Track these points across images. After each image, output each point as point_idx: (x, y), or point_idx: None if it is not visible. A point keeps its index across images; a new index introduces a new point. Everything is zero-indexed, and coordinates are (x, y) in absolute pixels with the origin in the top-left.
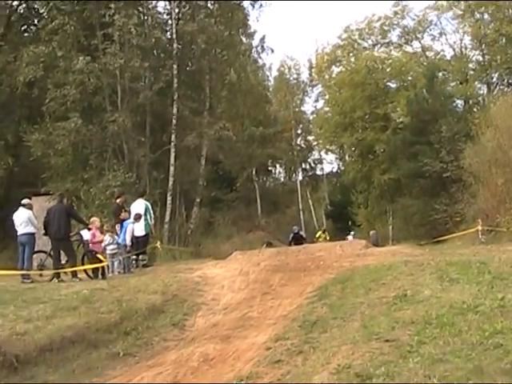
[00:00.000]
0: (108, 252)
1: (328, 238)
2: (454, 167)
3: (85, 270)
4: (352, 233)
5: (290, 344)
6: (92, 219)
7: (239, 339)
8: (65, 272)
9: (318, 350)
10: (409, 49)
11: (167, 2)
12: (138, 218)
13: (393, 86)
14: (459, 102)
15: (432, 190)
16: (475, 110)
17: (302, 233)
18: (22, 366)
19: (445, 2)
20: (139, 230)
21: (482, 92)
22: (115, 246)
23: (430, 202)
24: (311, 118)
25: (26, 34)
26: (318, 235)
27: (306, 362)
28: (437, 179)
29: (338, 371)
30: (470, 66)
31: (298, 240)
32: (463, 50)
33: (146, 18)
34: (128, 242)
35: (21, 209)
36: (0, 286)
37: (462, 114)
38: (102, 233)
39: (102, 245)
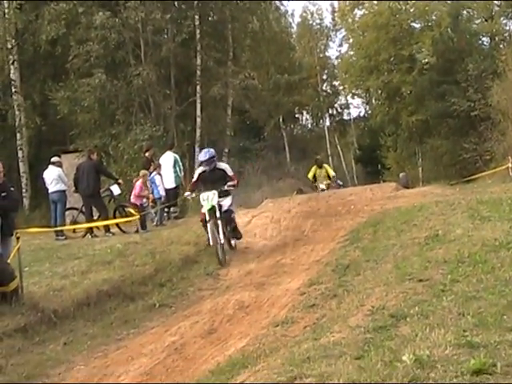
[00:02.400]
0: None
1: (332, 174)
2: (482, 105)
3: (117, 225)
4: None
5: (323, 288)
6: (142, 172)
7: (273, 286)
8: (98, 227)
9: (352, 293)
10: None
11: None
12: (158, 166)
13: (417, 26)
14: (485, 40)
15: (460, 129)
16: (502, 46)
17: (224, 165)
18: (60, 320)
19: None
20: (169, 182)
21: (508, 28)
22: (145, 200)
23: (459, 141)
24: (336, 62)
25: None
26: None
27: (341, 305)
28: (465, 118)
29: (373, 312)
30: (495, 2)
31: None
32: None
33: None
34: (162, 193)
35: (50, 167)
36: (34, 244)
37: (488, 52)
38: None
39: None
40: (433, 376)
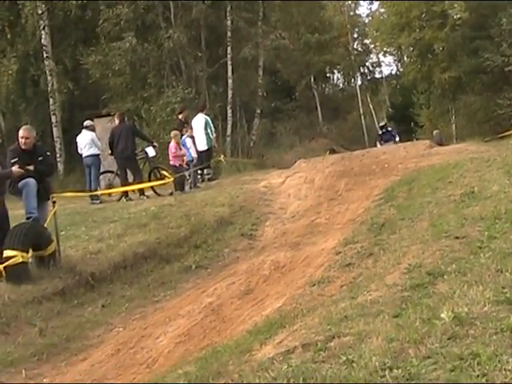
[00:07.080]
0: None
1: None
2: None
3: (152, 187)
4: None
5: (359, 247)
6: (173, 132)
7: (308, 246)
8: (132, 190)
9: (388, 252)
10: None
11: None
12: (188, 129)
13: None
14: None
15: (494, 85)
16: None
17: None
18: (97, 283)
19: None
20: (201, 144)
21: None
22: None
23: (493, 97)
24: (367, 20)
25: None
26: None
27: (377, 264)
28: (499, 74)
29: (410, 270)
30: None
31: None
32: None
33: None
34: (194, 155)
35: (83, 131)
36: (70, 208)
37: None
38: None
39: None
40: (472, 333)
